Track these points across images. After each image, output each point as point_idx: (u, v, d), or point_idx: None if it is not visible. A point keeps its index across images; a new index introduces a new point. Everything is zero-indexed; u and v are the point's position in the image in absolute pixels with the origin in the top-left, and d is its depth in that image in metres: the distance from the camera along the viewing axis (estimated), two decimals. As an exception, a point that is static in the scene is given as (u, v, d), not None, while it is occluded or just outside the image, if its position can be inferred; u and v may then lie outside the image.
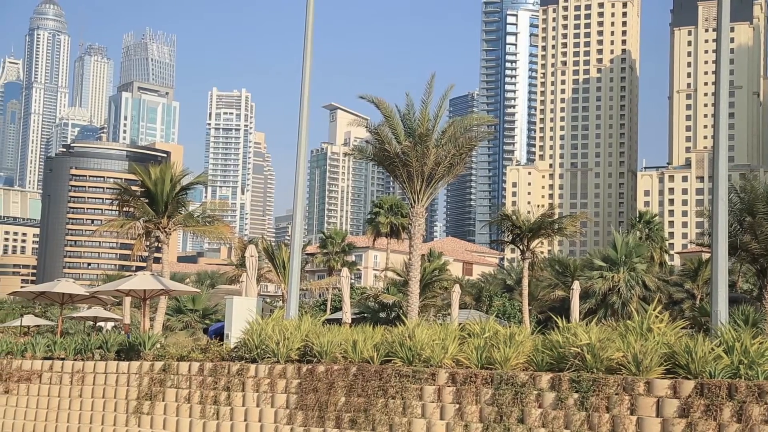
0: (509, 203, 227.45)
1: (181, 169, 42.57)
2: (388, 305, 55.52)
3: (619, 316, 47.38)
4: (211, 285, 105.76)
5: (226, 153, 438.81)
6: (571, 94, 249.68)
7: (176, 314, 60.48)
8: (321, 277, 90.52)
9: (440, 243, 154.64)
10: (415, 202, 34.92)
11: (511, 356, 17.06)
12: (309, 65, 24.69)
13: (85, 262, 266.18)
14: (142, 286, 29.62)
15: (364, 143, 39.60)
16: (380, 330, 19.99)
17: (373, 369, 18.35)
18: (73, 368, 24.30)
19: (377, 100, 35.14)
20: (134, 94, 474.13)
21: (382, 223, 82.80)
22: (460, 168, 35.83)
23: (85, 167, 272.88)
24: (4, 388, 25.25)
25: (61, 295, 34.71)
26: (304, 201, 24.84)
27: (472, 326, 18.77)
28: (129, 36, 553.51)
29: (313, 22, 24.94)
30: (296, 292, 23.94)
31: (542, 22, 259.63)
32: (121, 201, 41.05)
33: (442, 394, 17.26)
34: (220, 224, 42.91)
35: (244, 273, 29.51)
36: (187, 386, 21.37)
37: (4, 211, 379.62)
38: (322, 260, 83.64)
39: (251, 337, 20.80)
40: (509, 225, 52.44)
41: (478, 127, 36.54)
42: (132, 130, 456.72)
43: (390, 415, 17.61)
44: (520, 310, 58.40)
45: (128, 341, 24.68)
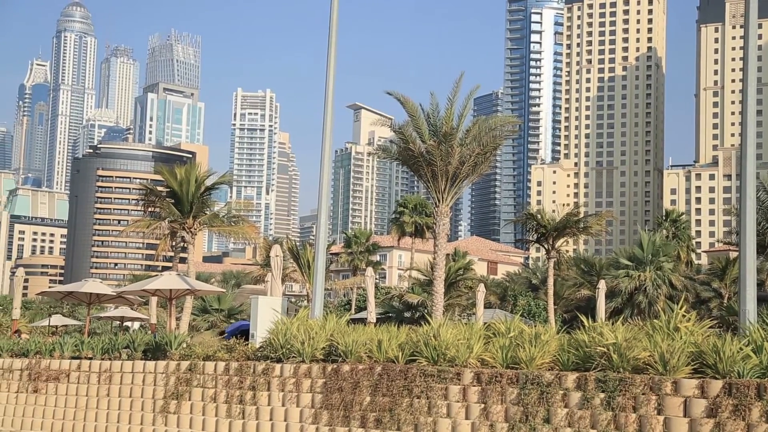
0: (534, 202, 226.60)
1: (206, 169, 42.80)
2: (412, 305, 55.49)
3: (645, 316, 47.03)
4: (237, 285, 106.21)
5: (250, 153, 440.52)
6: (596, 92, 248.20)
7: (202, 314, 60.76)
8: (345, 276, 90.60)
9: (465, 242, 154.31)
10: (440, 201, 34.85)
11: (537, 356, 17.00)
12: (333, 65, 24.72)
13: (111, 262, 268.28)
14: (168, 286, 29.79)
15: (388, 143, 39.59)
16: (405, 329, 19.99)
17: (398, 368, 18.34)
18: (101, 368, 24.49)
19: (403, 97, 35.11)
20: (160, 95, 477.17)
21: (406, 223, 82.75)
22: (484, 167, 35.71)
23: (111, 168, 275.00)
24: (33, 388, 25.49)
25: (88, 295, 34.99)
26: (328, 201, 24.88)
27: (497, 326, 18.72)
28: (154, 37, 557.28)
29: (337, 23, 24.98)
30: (321, 291, 23.98)
31: (567, 20, 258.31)
32: (147, 201, 41.32)
33: (468, 394, 17.22)
34: (245, 224, 43.09)
35: (269, 273, 29.60)
36: (213, 386, 21.47)
37: (33, 211, 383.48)
38: (346, 260, 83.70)
39: (276, 337, 20.87)
40: (534, 224, 52.22)
41: (503, 126, 36.40)
42: (158, 131, 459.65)
43: (415, 414, 17.60)
44: (545, 309, 58.12)
45: (155, 341, 24.83)
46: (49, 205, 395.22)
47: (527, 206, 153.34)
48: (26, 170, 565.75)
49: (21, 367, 26.24)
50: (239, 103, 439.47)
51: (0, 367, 26.81)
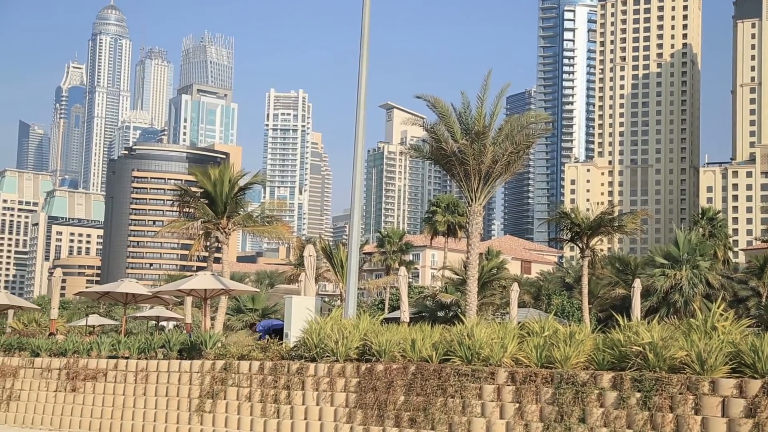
0: (568, 201, 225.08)
1: (240, 170, 43.03)
2: (446, 304, 55.40)
3: (681, 315, 46.53)
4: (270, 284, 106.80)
5: (283, 153, 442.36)
6: (631, 89, 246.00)
7: (236, 313, 61.10)
8: (379, 276, 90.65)
9: (498, 241, 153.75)
10: (473, 200, 34.75)
11: (572, 355, 16.90)
12: (365, 66, 24.75)
13: (147, 262, 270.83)
14: (202, 286, 29.99)
15: (420, 142, 39.53)
16: (438, 329, 19.97)
17: (431, 368, 18.33)
18: (137, 367, 24.72)
19: (433, 99, 35.05)
20: (194, 96, 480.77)
21: (439, 222, 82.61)
22: (517, 166, 35.55)
23: (146, 169, 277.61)
24: (71, 387, 25.80)
25: (124, 295, 35.33)
26: (361, 200, 24.91)
27: (531, 325, 18.64)
28: (188, 39, 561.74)
29: (369, 23, 25.00)
30: (354, 291, 24.02)
31: (600, 17, 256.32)
32: (182, 202, 41.62)
33: (502, 393, 17.17)
34: (279, 224, 43.24)
35: (303, 272, 29.69)
36: (248, 385, 21.60)
37: (69, 213, 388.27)
38: (379, 259, 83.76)
39: (310, 336, 20.93)
40: (568, 223, 51.91)
41: (536, 124, 36.20)
42: (192, 132, 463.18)
43: (449, 414, 17.58)
44: (579, 308, 57.75)
45: (190, 340, 25.01)
46: (85, 206, 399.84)
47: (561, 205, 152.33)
48: (63, 172, 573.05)
49: (59, 366, 26.59)
50: (272, 104, 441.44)
51: (39, 367, 27.19)
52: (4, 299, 39.20)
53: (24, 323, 45.72)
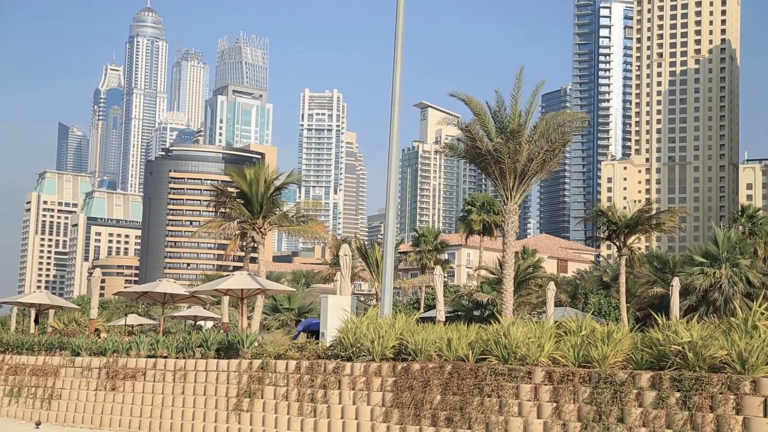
0: (604, 199, 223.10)
1: (275, 170, 43.21)
2: (482, 303, 55.21)
3: (721, 314, 45.93)
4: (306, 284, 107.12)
5: (318, 153, 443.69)
6: (668, 86, 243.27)
7: (273, 313, 61.37)
8: (414, 275, 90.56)
9: (534, 240, 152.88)
10: (508, 199, 34.60)
11: (609, 354, 16.78)
12: (400, 65, 24.74)
13: (184, 262, 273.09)
14: (239, 286, 30.18)
15: (455, 141, 39.45)
16: (474, 328, 19.93)
17: (468, 367, 18.29)
18: (176, 366, 24.95)
19: (467, 97, 34.94)
20: (229, 97, 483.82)
21: (474, 221, 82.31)
22: (553, 164, 35.33)
23: (183, 170, 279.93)
24: (111, 386, 26.11)
25: (162, 295, 35.64)
26: (396, 199, 24.92)
27: (568, 324, 18.54)
28: (223, 40, 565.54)
29: (403, 22, 24.99)
30: (390, 290, 24.03)
31: (637, 13, 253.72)
32: (218, 202, 41.91)
33: (539, 393, 17.09)
34: (314, 224, 43.38)
35: (339, 272, 29.76)
36: (285, 384, 21.70)
37: (108, 213, 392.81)
38: (414, 258, 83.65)
39: (346, 336, 20.99)
40: (605, 221, 51.46)
41: (571, 122, 35.95)
42: (227, 133, 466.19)
43: (486, 413, 17.54)
44: (617, 307, 57.21)
45: (227, 340, 25.19)
46: (123, 206, 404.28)
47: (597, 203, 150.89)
48: (102, 173, 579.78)
49: (99, 365, 26.92)
50: (307, 104, 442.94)
51: (79, 366, 27.55)
52: (45, 299, 39.74)
53: (64, 323, 46.34)
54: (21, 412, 28.37)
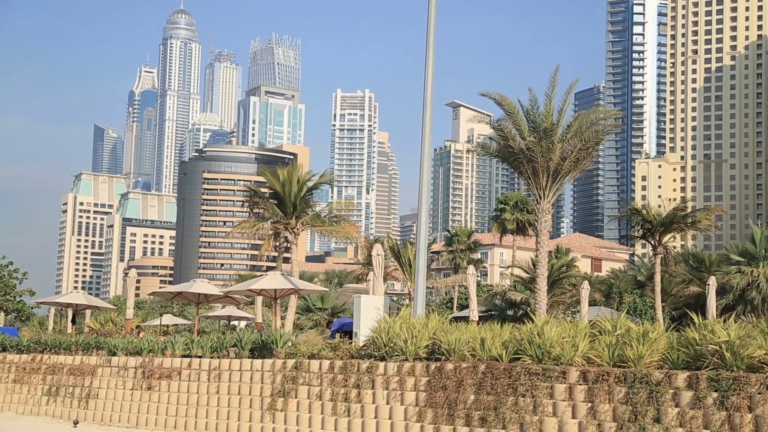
0: (639, 197, 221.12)
1: (308, 170, 43.37)
2: (515, 302, 54.99)
3: (759, 313, 45.33)
4: (339, 284, 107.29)
5: (350, 153, 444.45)
6: (703, 83, 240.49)
7: (306, 313, 61.56)
8: (447, 275, 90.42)
9: (567, 239, 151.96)
10: (541, 198, 34.41)
11: (645, 354, 16.64)
12: (431, 64, 24.72)
13: (218, 262, 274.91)
14: (272, 286, 30.33)
15: (487, 140, 39.30)
16: (508, 328, 19.86)
17: (501, 367, 18.24)
18: (210, 366, 25.13)
19: (499, 96, 34.80)
20: (262, 98, 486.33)
21: (507, 220, 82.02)
22: (586, 162, 35.08)
23: (216, 171, 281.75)
24: (147, 385, 26.35)
25: (197, 295, 35.93)
26: (428, 199, 24.89)
27: (602, 323, 18.42)
28: (256, 41, 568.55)
29: (435, 22, 24.96)
30: (423, 290, 24.02)
31: (671, 9, 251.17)
32: (251, 203, 42.15)
33: (574, 393, 16.99)
34: (347, 224, 43.46)
35: (371, 272, 29.81)
36: (319, 384, 21.77)
37: (143, 214, 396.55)
38: (447, 258, 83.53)
39: (379, 335, 21.01)
40: (639, 219, 51.00)
41: (605, 120, 35.68)
42: (260, 134, 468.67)
43: (520, 413, 17.47)
44: (652, 306, 56.69)
45: (261, 340, 25.31)
46: (158, 207, 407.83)
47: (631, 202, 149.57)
48: (136, 174, 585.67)
49: (135, 365, 27.18)
50: (339, 104, 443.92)
51: (116, 365, 27.83)
52: (82, 299, 40.22)
53: (101, 323, 46.88)
54: (59, 411, 28.73)
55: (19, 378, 30.64)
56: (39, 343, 31.64)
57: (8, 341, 32.76)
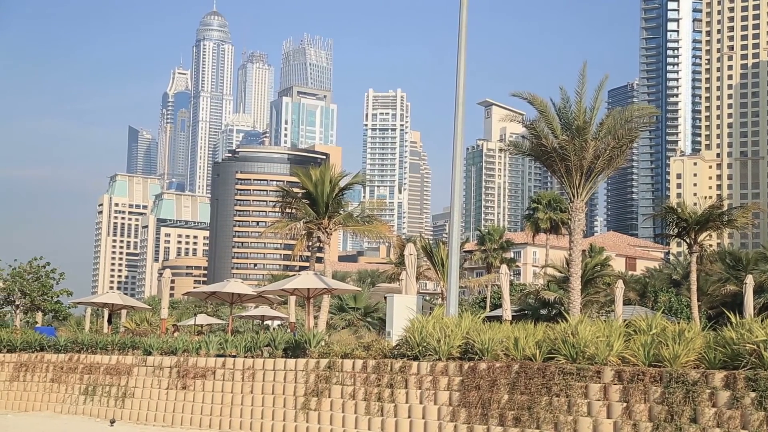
0: (674, 195, 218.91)
1: (340, 170, 43.48)
2: (549, 302, 54.74)
3: (797, 312, 44.66)
4: (372, 283, 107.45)
5: (383, 153, 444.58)
6: (739, 79, 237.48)
7: (339, 312, 61.71)
8: (479, 274, 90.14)
9: (601, 238, 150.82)
10: (574, 196, 34.21)
11: (681, 353, 16.48)
12: (463, 64, 24.66)
13: (251, 262, 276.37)
14: (305, 285, 30.42)
15: (520, 139, 39.14)
16: (542, 327, 19.77)
17: (535, 366, 18.15)
18: (244, 365, 25.27)
19: (530, 96, 34.66)
20: (294, 98, 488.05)
21: (540, 219, 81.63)
22: (620, 161, 34.82)
23: (249, 171, 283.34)
24: (182, 384, 26.55)
25: (230, 295, 36.15)
26: (461, 198, 24.84)
27: (637, 323, 18.28)
28: (288, 42, 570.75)
29: (466, 21, 24.89)
30: (455, 289, 23.97)
31: (706, 6, 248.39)
32: (284, 203, 42.34)
33: (609, 392, 16.87)
34: (379, 223, 43.52)
35: (404, 271, 29.81)
36: (352, 383, 21.80)
37: (177, 215, 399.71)
38: (480, 257, 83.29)
39: (412, 335, 21.00)
40: (674, 218, 50.51)
41: (639, 117, 35.38)
42: (292, 134, 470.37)
43: (555, 413, 17.38)
44: (688, 305, 56.12)
45: (294, 339, 25.41)
46: (192, 208, 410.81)
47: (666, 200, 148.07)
48: (170, 175, 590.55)
49: (170, 364, 27.40)
50: (371, 104, 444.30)
51: (151, 365, 28.08)
52: (118, 299, 40.66)
53: (136, 323, 47.36)
54: (96, 410, 29.04)
55: (56, 377, 31.03)
56: (76, 342, 32.01)
57: (46, 341, 33.20)
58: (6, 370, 32.86)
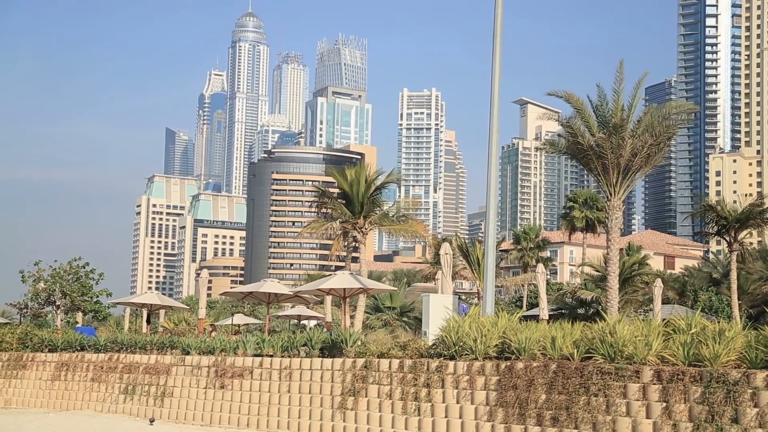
0: (713, 193, 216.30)
1: (375, 169, 43.52)
2: (586, 301, 54.32)
3: (841, 311, 43.87)
4: (407, 283, 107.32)
5: (417, 152, 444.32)
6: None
7: (375, 312, 61.73)
8: (515, 273, 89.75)
9: (639, 236, 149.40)
10: (611, 195, 33.92)
11: (721, 353, 16.28)
12: (498, 62, 24.56)
13: (287, 262, 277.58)
14: (341, 285, 30.50)
15: (555, 137, 38.86)
16: (579, 326, 19.65)
17: (573, 366, 18.04)
18: (281, 365, 25.39)
19: (566, 94, 34.41)
20: (329, 98, 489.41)
21: (577, 218, 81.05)
22: (658, 158, 34.46)
23: (285, 171, 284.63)
24: (220, 384, 26.76)
25: (267, 295, 36.35)
26: (496, 197, 24.76)
27: (676, 322, 18.09)
28: (323, 42, 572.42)
29: (501, 19, 24.79)
30: (492, 288, 23.89)
31: (746, 1, 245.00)
32: (320, 203, 42.48)
33: (648, 392, 16.72)
34: (414, 222, 43.50)
35: (439, 271, 29.77)
36: (388, 383, 21.82)
37: (214, 215, 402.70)
38: (516, 256, 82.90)
39: (449, 335, 20.97)
40: (714, 216, 49.88)
41: (677, 114, 34.99)
42: (327, 134, 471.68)
43: (593, 413, 17.26)
44: (728, 304, 55.40)
45: (331, 339, 25.48)
46: (228, 208, 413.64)
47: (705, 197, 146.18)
48: (207, 176, 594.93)
49: (208, 364, 27.62)
50: (405, 103, 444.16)
51: (189, 364, 28.32)
52: (156, 300, 41.04)
53: (174, 323, 47.76)
54: (135, 409, 29.36)
55: (96, 376, 31.41)
56: (115, 342, 32.38)
57: (86, 341, 33.62)
58: (47, 369, 33.35)
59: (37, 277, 49.00)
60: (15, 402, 33.60)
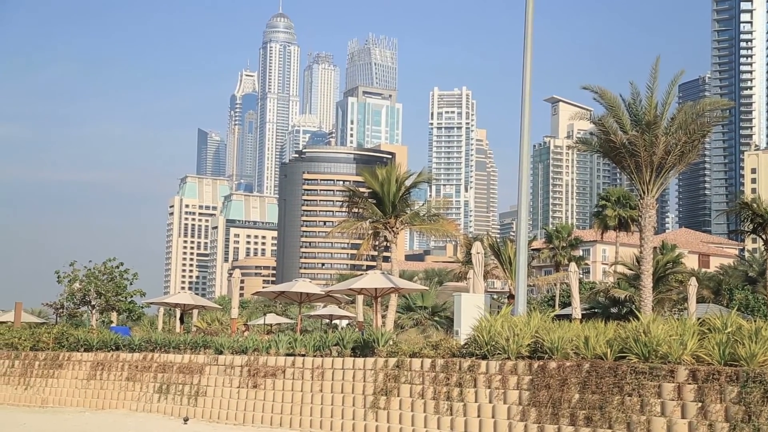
0: (748, 191, 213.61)
1: (406, 169, 43.56)
2: (619, 300, 53.92)
3: None
4: (439, 282, 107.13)
5: (448, 151, 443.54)
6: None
7: (406, 311, 61.71)
8: (548, 272, 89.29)
9: (673, 234, 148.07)
10: (644, 193, 33.65)
11: (758, 352, 16.10)
12: (529, 60, 24.44)
13: (319, 262, 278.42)
14: (373, 285, 30.53)
15: (587, 135, 38.65)
16: (612, 325, 19.53)
17: (606, 365, 17.92)
18: (313, 364, 25.47)
19: (599, 90, 34.21)
20: (359, 98, 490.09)
21: (609, 216, 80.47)
22: (692, 156, 34.14)
23: (316, 171, 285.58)
24: (253, 383, 26.90)
25: (299, 294, 36.49)
26: (528, 196, 24.65)
27: (712, 321, 17.91)
28: (353, 42, 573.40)
29: (532, 17, 24.67)
30: (524, 288, 23.79)
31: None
32: (351, 203, 42.59)
33: (683, 392, 16.56)
34: (445, 222, 43.47)
35: (471, 270, 29.70)
36: (420, 382, 21.82)
37: (245, 215, 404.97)
38: (548, 255, 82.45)
39: (481, 334, 20.93)
40: (749, 214, 49.34)
41: (711, 111, 34.63)
42: (358, 134, 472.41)
43: (627, 413, 17.13)
44: (764, 303, 54.73)
45: (363, 338, 25.52)
46: (260, 208, 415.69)
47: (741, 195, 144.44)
48: (239, 176, 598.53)
49: (241, 363, 27.78)
50: (436, 102, 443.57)
51: (222, 364, 28.51)
52: (189, 299, 41.35)
53: (207, 322, 48.14)
54: (170, 408, 29.59)
55: (131, 376, 31.70)
56: (150, 342, 32.65)
57: (121, 340, 33.95)
58: (83, 368, 33.72)
59: (73, 277, 49.53)
60: (51, 401, 34.01)
